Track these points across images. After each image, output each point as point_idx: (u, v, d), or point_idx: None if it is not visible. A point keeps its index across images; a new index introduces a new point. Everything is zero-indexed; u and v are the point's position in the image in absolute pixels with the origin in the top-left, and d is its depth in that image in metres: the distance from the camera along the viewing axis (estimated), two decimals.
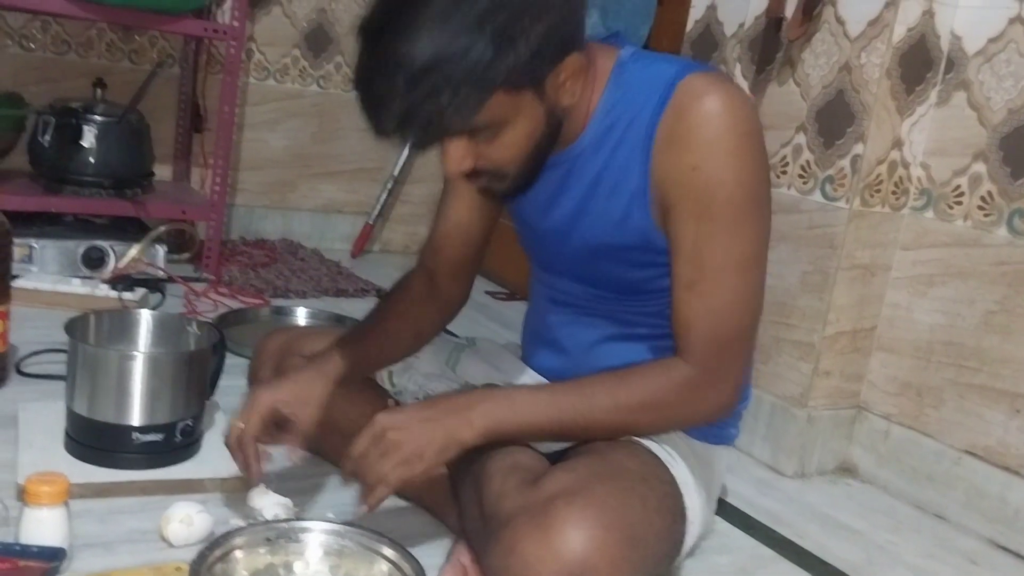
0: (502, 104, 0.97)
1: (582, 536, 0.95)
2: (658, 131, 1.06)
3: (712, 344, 1.08)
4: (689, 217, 1.06)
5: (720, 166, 1.04)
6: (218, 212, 2.40)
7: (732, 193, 1.05)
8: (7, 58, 2.47)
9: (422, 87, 0.92)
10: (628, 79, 1.11)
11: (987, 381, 1.58)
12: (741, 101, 1.07)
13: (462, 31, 0.92)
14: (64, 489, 1.01)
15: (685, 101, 1.05)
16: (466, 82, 0.93)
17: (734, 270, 1.07)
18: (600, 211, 1.14)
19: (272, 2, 2.80)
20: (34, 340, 1.68)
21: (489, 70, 0.93)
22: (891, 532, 1.56)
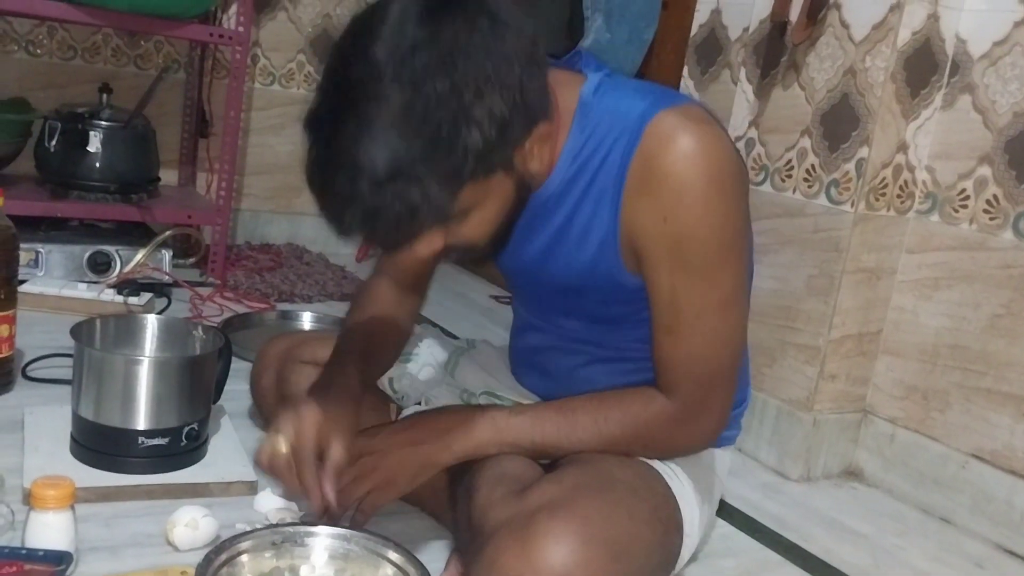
0: (472, 192, 0.91)
1: (563, 550, 0.93)
2: (627, 178, 1.01)
3: (693, 384, 1.07)
4: (662, 267, 1.03)
5: (691, 216, 1.00)
6: (224, 217, 2.41)
7: (705, 241, 1.01)
8: (13, 63, 2.48)
9: (388, 192, 0.86)
10: (594, 119, 1.05)
11: (993, 385, 1.58)
12: (713, 141, 1.00)
13: (423, 128, 0.85)
14: (70, 493, 1.01)
15: (654, 146, 0.99)
16: (434, 182, 0.87)
17: (712, 313, 1.05)
18: (568, 256, 1.10)
19: (277, 7, 2.81)
20: (40, 344, 1.68)
21: (457, 166, 0.87)
22: (897, 536, 1.55)
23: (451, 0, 0.89)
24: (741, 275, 1.07)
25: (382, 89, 0.86)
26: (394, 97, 0.85)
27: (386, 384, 1.37)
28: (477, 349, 1.42)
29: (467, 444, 1.09)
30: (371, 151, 0.86)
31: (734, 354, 1.09)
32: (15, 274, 1.51)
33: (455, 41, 0.86)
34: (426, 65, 0.85)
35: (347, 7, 2.90)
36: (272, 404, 1.44)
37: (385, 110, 0.85)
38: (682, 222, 1.00)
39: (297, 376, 1.39)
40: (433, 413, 1.16)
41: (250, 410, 1.57)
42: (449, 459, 1.11)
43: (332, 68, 0.92)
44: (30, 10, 2.15)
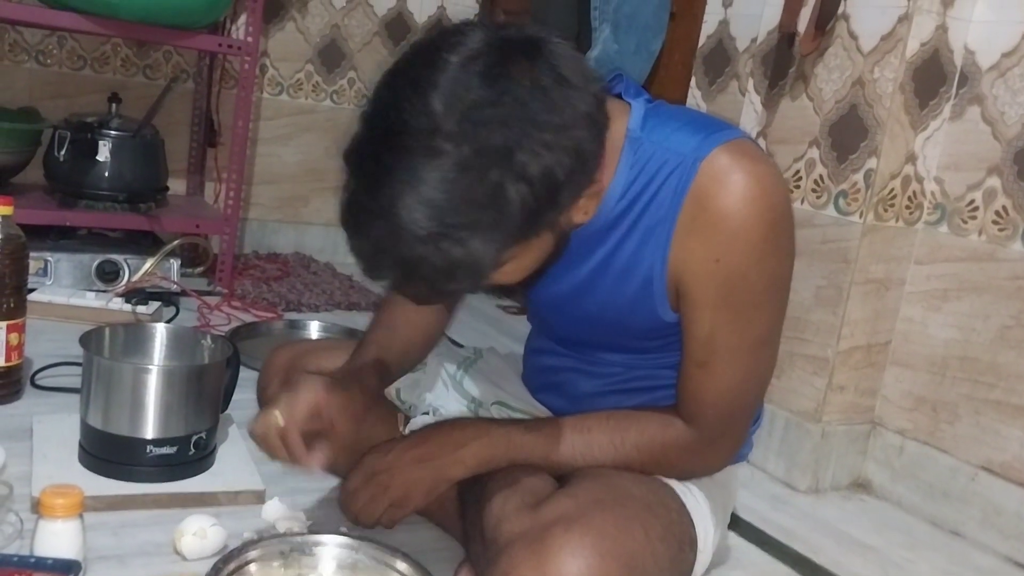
0: (514, 251, 0.89)
1: (577, 564, 0.92)
2: (679, 219, 0.99)
3: (716, 417, 1.07)
4: (707, 306, 1.02)
5: (744, 259, 0.98)
6: (232, 226, 2.41)
7: (754, 284, 1.00)
8: (23, 73, 2.50)
9: (429, 248, 0.83)
10: (644, 156, 1.01)
11: (1003, 396, 1.57)
12: (769, 181, 0.98)
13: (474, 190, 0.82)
14: (78, 501, 1.01)
15: (708, 186, 0.97)
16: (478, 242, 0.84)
17: (747, 352, 1.04)
18: (608, 291, 1.08)
19: (286, 18, 2.82)
20: (49, 353, 1.68)
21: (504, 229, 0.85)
22: (907, 549, 1.54)
23: (517, 56, 0.85)
24: (781, 313, 1.06)
25: (437, 144, 0.82)
26: (448, 154, 0.82)
27: (394, 395, 1.36)
28: (484, 359, 1.42)
29: (480, 459, 1.09)
30: (417, 207, 0.82)
31: (760, 390, 1.10)
32: (24, 283, 1.52)
33: (518, 102, 0.83)
34: (486, 124, 0.82)
35: (355, 18, 2.91)
36: None
37: (437, 166, 0.82)
38: (735, 264, 0.98)
39: None
40: (445, 427, 1.15)
41: None
42: (462, 473, 1.11)
43: (384, 105, 0.88)
44: (40, 20, 2.16)
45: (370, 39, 2.96)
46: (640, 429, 1.09)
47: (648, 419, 1.10)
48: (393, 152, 0.84)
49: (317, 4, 2.85)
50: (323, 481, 1.39)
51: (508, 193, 0.83)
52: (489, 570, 0.98)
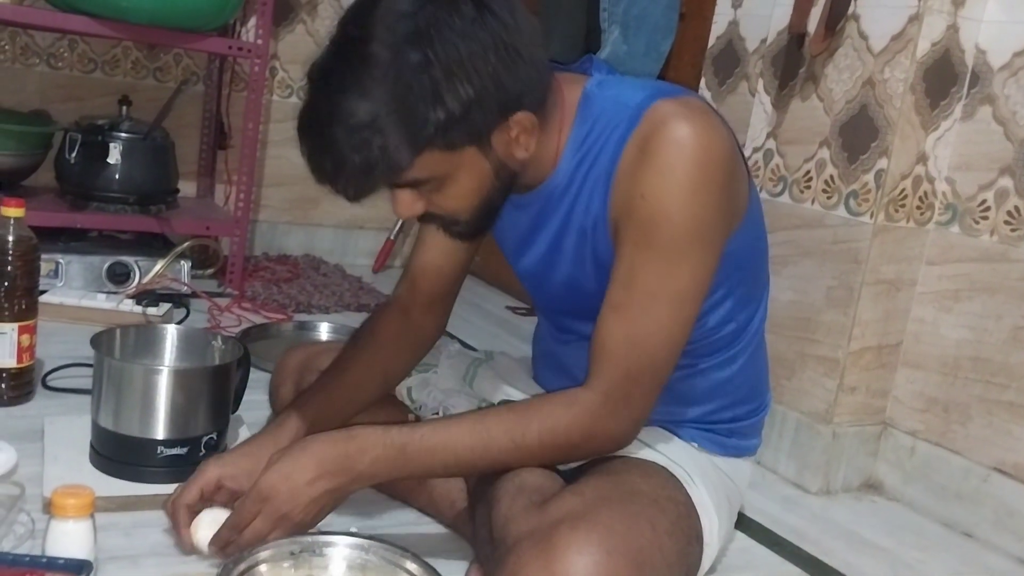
0: (436, 160, 0.97)
1: (584, 561, 0.92)
2: (620, 162, 1.04)
3: (623, 372, 1.04)
4: (629, 242, 1.03)
5: (669, 197, 1.00)
6: (242, 228, 2.42)
7: (676, 226, 1.01)
8: (35, 76, 2.51)
9: (353, 141, 0.94)
10: (594, 110, 1.08)
11: (1015, 397, 1.56)
12: (708, 130, 1.02)
13: (395, 91, 0.93)
14: (90, 502, 1.01)
15: (647, 128, 1.02)
16: (395, 139, 0.94)
17: (663, 302, 1.03)
18: (573, 252, 1.12)
19: (295, 20, 2.83)
20: (60, 354, 1.69)
21: (417, 129, 0.94)
22: (918, 550, 1.54)
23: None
24: (702, 275, 1.05)
25: (369, 49, 0.94)
26: (377, 58, 0.93)
27: (404, 394, 1.37)
28: (495, 360, 1.42)
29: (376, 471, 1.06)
30: (348, 104, 0.94)
31: (670, 354, 1.06)
32: (36, 284, 1.52)
33: (435, 19, 0.94)
34: (406, 35, 0.93)
35: None
36: None
37: (367, 69, 0.94)
38: (658, 201, 1.01)
39: None
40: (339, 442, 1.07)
41: (268, 420, 1.57)
42: (358, 487, 1.09)
43: (339, 25, 1.00)
44: (52, 24, 2.17)
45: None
46: (543, 417, 1.05)
47: (552, 403, 1.07)
48: (337, 61, 0.97)
49: (326, 6, 2.86)
50: None
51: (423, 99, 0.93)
52: (498, 570, 0.98)
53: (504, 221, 1.14)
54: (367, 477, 1.06)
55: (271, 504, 1.04)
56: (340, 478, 1.05)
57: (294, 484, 1.04)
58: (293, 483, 1.04)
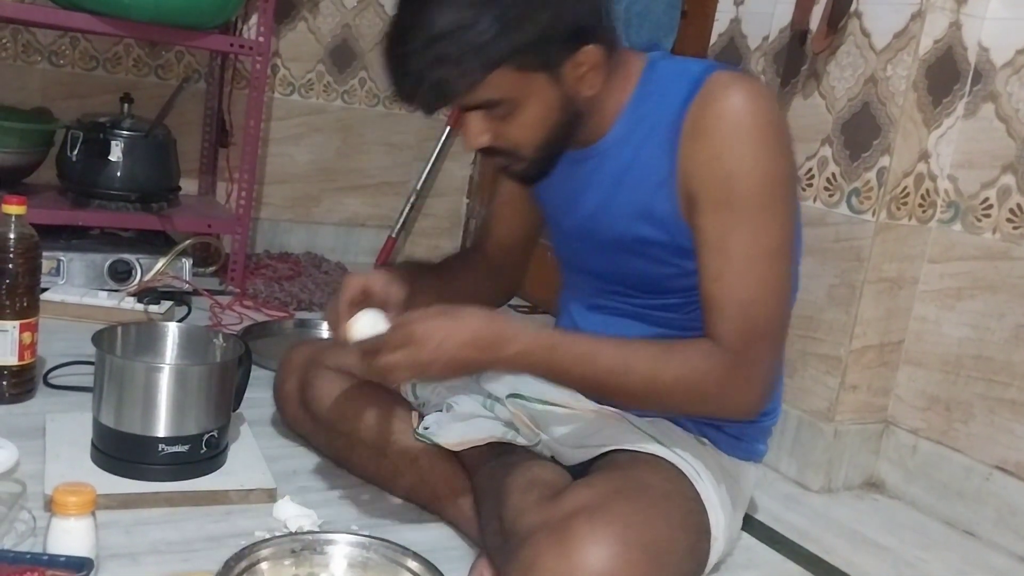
0: (509, 81, 1.02)
1: (603, 553, 0.94)
2: (685, 122, 1.09)
3: (744, 334, 1.07)
4: (712, 207, 1.07)
5: (742, 155, 1.06)
6: (243, 226, 2.42)
7: (754, 182, 1.06)
8: (37, 74, 2.51)
9: (432, 53, 1.00)
10: (658, 76, 1.14)
11: (1018, 396, 1.56)
12: (765, 95, 1.10)
13: (476, 6, 0.99)
14: (91, 499, 1.01)
15: (711, 92, 1.08)
16: (471, 53, 0.99)
17: (761, 260, 1.07)
18: (625, 202, 1.15)
19: (297, 18, 2.82)
20: (61, 352, 1.69)
21: (493, 46, 0.99)
22: (920, 549, 1.54)
23: None
24: (788, 228, 1.10)
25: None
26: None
27: (408, 390, 1.37)
28: None
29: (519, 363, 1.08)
30: (429, 17, 1.00)
31: (782, 306, 1.11)
32: (37, 282, 1.52)
33: None
34: None
35: (366, 17, 2.91)
36: (294, 409, 1.45)
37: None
38: (734, 160, 1.06)
39: (320, 381, 1.40)
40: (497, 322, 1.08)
41: (270, 417, 1.57)
42: (500, 370, 1.13)
43: None
44: (53, 21, 2.17)
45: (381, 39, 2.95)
46: (684, 358, 1.07)
47: (692, 348, 1.09)
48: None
49: (328, 4, 2.86)
50: (334, 480, 1.40)
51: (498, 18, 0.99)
52: (510, 561, 0.99)
53: (557, 176, 1.17)
54: (508, 363, 1.08)
55: (417, 348, 1.04)
56: (486, 354, 1.06)
57: (445, 341, 1.04)
58: (445, 340, 1.04)
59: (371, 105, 2.98)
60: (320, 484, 1.38)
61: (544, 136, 1.09)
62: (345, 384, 1.39)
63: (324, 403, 1.39)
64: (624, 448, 1.15)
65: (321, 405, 1.40)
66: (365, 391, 1.38)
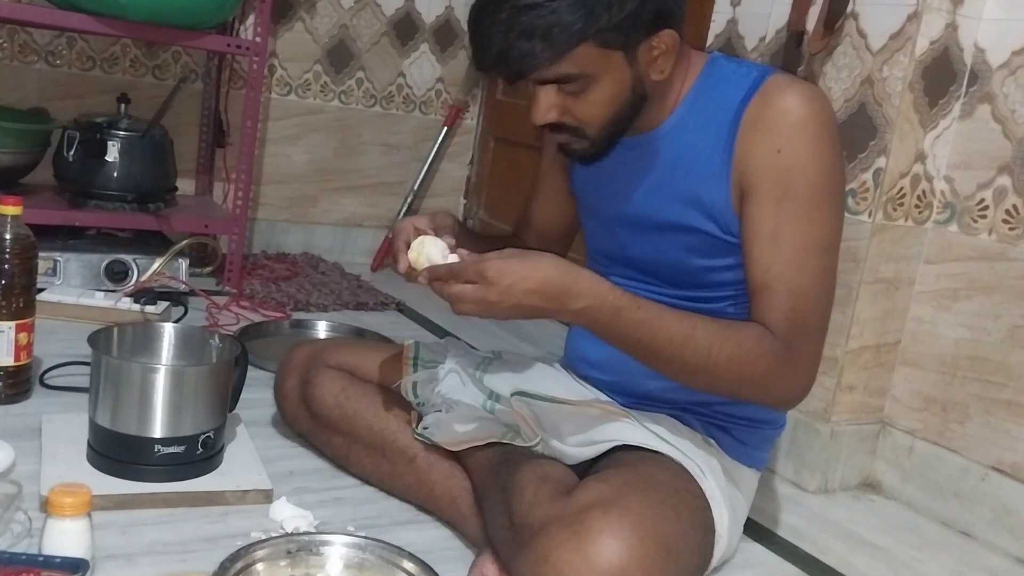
0: (591, 57, 1.05)
1: (618, 545, 0.95)
2: (744, 117, 1.12)
3: (794, 325, 1.09)
4: (770, 199, 1.10)
5: (802, 151, 1.09)
6: (240, 226, 2.41)
7: (812, 177, 1.09)
8: (33, 74, 2.50)
9: (520, 25, 1.02)
10: (718, 72, 1.18)
11: (1014, 396, 1.56)
12: (824, 99, 1.14)
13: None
14: (87, 500, 1.01)
15: (771, 91, 1.11)
16: (559, 26, 1.01)
17: (813, 253, 1.10)
18: (676, 189, 1.18)
19: (294, 18, 2.82)
20: (58, 353, 1.69)
21: (582, 20, 1.02)
22: (916, 549, 1.54)
23: None
24: (838, 225, 1.13)
25: None
26: None
27: (408, 390, 1.37)
28: (503, 358, 1.43)
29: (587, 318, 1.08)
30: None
31: (829, 301, 1.13)
32: (33, 283, 1.52)
33: None
34: None
35: (363, 18, 2.91)
36: (294, 407, 1.45)
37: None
38: (795, 155, 1.09)
39: (321, 380, 1.40)
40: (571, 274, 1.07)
41: (267, 418, 1.57)
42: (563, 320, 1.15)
43: None
44: (50, 21, 2.16)
45: (378, 39, 2.96)
46: (740, 340, 1.07)
47: (748, 330, 1.09)
48: None
49: (325, 4, 2.86)
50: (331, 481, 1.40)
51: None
52: (523, 553, 0.99)
53: (609, 161, 1.19)
54: (571, 316, 1.09)
55: (487, 287, 1.05)
56: (551, 304, 1.06)
57: (515, 284, 1.04)
58: (515, 283, 1.04)
59: (368, 105, 2.98)
60: (316, 485, 1.38)
61: (612, 115, 1.11)
62: (346, 383, 1.40)
63: (324, 402, 1.39)
64: (630, 445, 1.15)
65: (321, 404, 1.40)
66: (365, 391, 1.39)
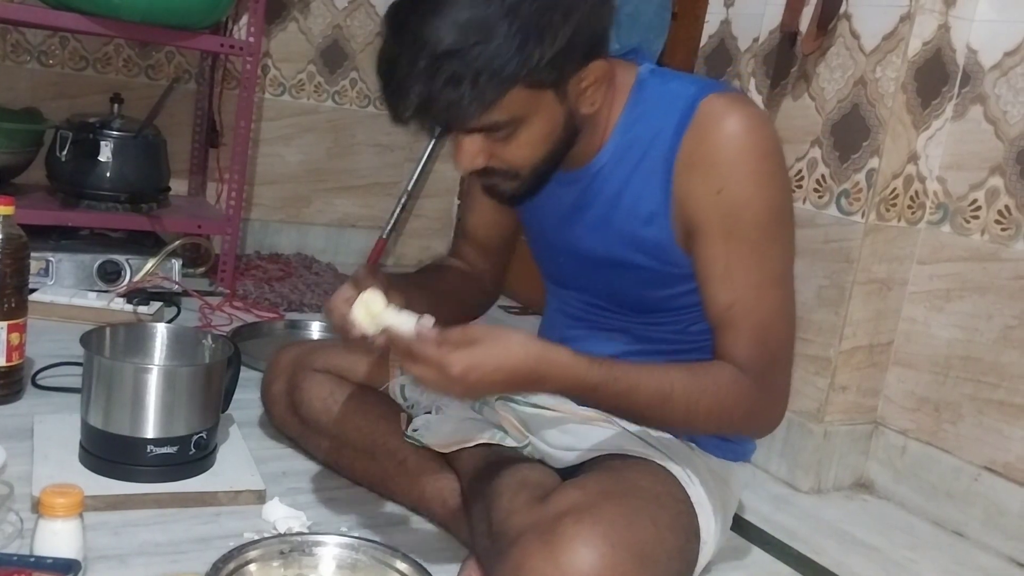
0: (521, 100, 0.96)
1: (590, 554, 0.93)
2: (679, 152, 1.06)
3: (762, 360, 1.07)
4: (717, 239, 1.06)
5: (745, 187, 1.04)
6: (233, 226, 2.41)
7: (758, 213, 1.05)
8: (26, 74, 2.50)
9: (443, 72, 0.92)
10: (648, 96, 1.11)
11: (1006, 397, 1.57)
12: (761, 121, 1.07)
13: (490, 20, 0.91)
14: (79, 501, 1.01)
15: (706, 122, 1.05)
16: (487, 72, 0.92)
17: (770, 286, 1.07)
18: (616, 229, 1.13)
19: (288, 18, 2.82)
20: (50, 353, 1.68)
21: (512, 63, 0.92)
22: (909, 549, 1.54)
23: None
24: (790, 252, 1.10)
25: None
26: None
27: (397, 392, 1.36)
28: None
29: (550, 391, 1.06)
30: (436, 33, 0.92)
31: (792, 328, 1.11)
32: (26, 283, 1.52)
33: None
34: None
35: (357, 18, 2.91)
36: (282, 411, 1.45)
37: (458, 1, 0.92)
38: (737, 192, 1.04)
39: (309, 383, 1.40)
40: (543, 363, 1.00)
41: (259, 419, 1.57)
42: None
43: None
44: (43, 21, 2.16)
45: (372, 39, 2.95)
46: (715, 390, 1.05)
47: (721, 375, 1.06)
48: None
49: (319, 4, 2.85)
50: (324, 482, 1.39)
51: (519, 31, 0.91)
52: (499, 563, 0.99)
53: (545, 196, 1.13)
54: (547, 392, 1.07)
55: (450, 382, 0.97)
56: (524, 388, 1.05)
57: (483, 378, 0.97)
58: (483, 376, 0.97)
59: (362, 106, 2.98)
60: (309, 486, 1.38)
61: (543, 155, 1.04)
62: (333, 386, 1.39)
63: (313, 405, 1.39)
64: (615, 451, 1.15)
65: (310, 407, 1.39)
66: (354, 393, 1.38)
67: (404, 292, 1.15)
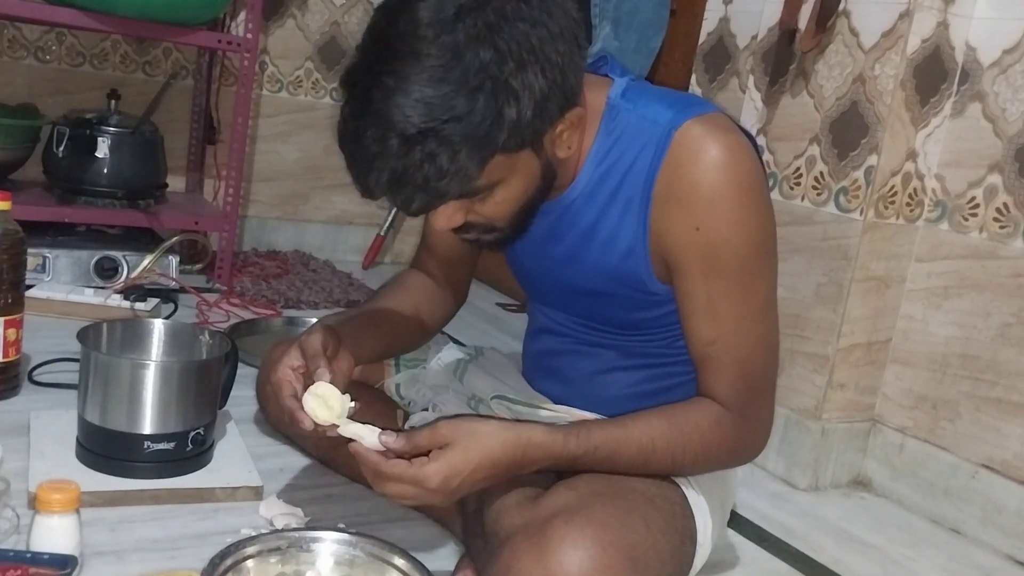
0: (499, 164, 0.92)
1: (580, 556, 0.92)
2: (656, 186, 1.03)
3: (745, 393, 1.06)
4: (698, 276, 1.04)
5: (723, 224, 1.01)
6: (231, 223, 2.41)
7: (738, 248, 1.02)
8: (23, 70, 2.49)
9: (417, 151, 0.86)
10: (621, 124, 1.06)
11: (1004, 394, 1.57)
12: (740, 150, 1.02)
13: (461, 89, 0.86)
14: (75, 497, 1.01)
15: (683, 155, 1.01)
16: (465, 146, 0.87)
17: (752, 319, 1.05)
18: (594, 262, 1.11)
19: (286, 15, 2.81)
20: (47, 349, 1.68)
21: (490, 132, 0.87)
22: (907, 547, 1.54)
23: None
24: (772, 282, 1.08)
25: (423, 48, 0.86)
26: (434, 58, 0.85)
27: (393, 390, 1.36)
28: (485, 356, 1.42)
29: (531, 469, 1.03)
30: (405, 108, 0.86)
31: (775, 357, 1.10)
32: (22, 279, 1.51)
33: (502, 10, 0.87)
34: (470, 31, 0.86)
35: (355, 15, 2.90)
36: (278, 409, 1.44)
37: (424, 70, 0.86)
38: (716, 230, 1.01)
39: None
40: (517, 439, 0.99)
41: (256, 415, 1.57)
42: None
43: (375, 25, 0.92)
44: (40, 16, 2.15)
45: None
46: (699, 436, 1.05)
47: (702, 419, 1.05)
48: (382, 63, 0.88)
49: (317, 1, 2.85)
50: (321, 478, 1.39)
51: (495, 98, 0.86)
52: (491, 563, 0.98)
53: None
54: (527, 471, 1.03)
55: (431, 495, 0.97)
56: (505, 475, 1.01)
57: (461, 485, 0.97)
58: (461, 485, 0.97)
59: None
60: (306, 482, 1.38)
61: (522, 206, 1.01)
62: None
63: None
64: None
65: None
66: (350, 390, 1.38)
67: (357, 340, 1.14)
